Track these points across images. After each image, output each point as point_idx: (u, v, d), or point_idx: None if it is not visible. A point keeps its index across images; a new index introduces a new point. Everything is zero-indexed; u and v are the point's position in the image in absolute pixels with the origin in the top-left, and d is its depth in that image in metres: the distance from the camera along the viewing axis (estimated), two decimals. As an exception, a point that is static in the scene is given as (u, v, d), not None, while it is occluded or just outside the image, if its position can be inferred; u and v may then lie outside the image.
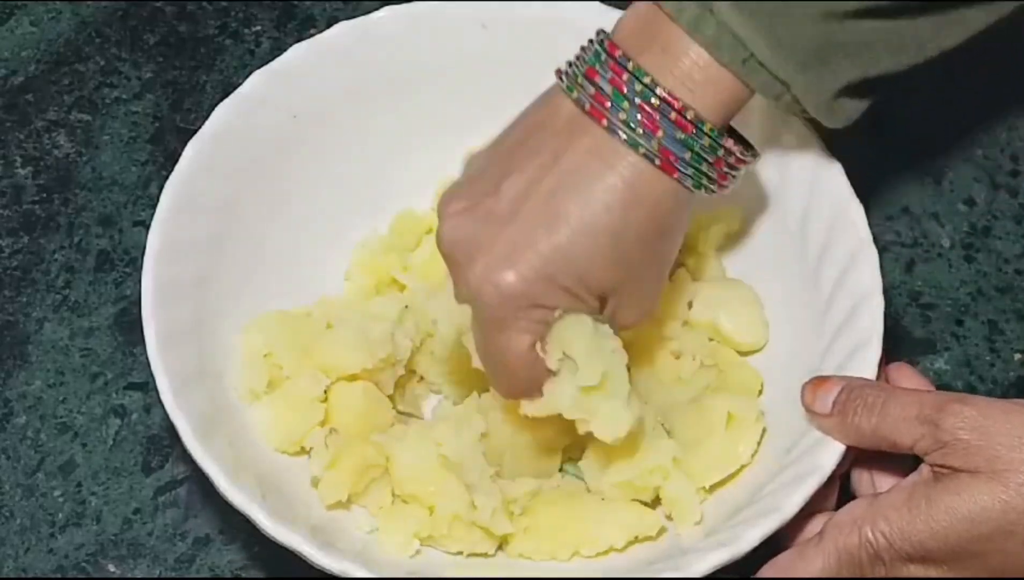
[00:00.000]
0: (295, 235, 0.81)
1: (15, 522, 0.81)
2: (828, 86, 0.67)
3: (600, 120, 0.66)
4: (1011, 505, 0.64)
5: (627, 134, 0.66)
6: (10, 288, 0.88)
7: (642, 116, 0.66)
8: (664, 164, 0.66)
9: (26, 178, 0.92)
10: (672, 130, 0.66)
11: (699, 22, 0.65)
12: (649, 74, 0.66)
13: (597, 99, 0.66)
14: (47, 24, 0.98)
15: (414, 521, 0.72)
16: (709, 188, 0.68)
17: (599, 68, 0.67)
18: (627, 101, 0.66)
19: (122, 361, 0.86)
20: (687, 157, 0.66)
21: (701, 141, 0.66)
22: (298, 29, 0.97)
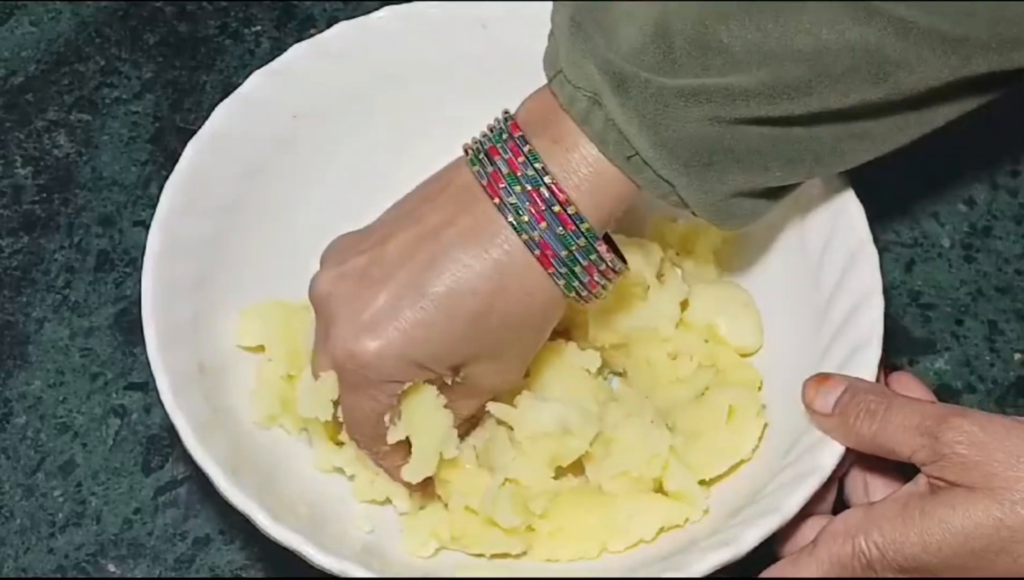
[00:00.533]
0: (295, 234, 0.81)
1: (15, 522, 0.81)
2: (715, 189, 0.67)
3: (493, 197, 0.67)
4: (1004, 523, 0.64)
5: (515, 218, 0.67)
6: (10, 288, 0.88)
7: (530, 203, 0.67)
8: (542, 257, 0.67)
9: (26, 178, 0.92)
10: (555, 224, 0.67)
11: (588, 115, 0.66)
12: (541, 161, 0.67)
13: (493, 176, 0.68)
14: (47, 24, 0.98)
15: (434, 520, 0.72)
16: (579, 293, 0.69)
17: (500, 146, 0.68)
18: (519, 185, 0.67)
19: (122, 361, 0.86)
20: (563, 255, 0.67)
21: (578, 241, 0.67)
22: (298, 29, 0.97)
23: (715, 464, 0.73)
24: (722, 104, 0.64)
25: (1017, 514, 0.63)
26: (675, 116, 0.64)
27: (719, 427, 0.73)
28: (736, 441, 0.73)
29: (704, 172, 0.66)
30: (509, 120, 0.69)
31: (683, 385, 0.77)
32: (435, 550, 0.73)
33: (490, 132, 0.69)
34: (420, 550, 0.72)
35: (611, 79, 0.65)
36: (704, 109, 0.64)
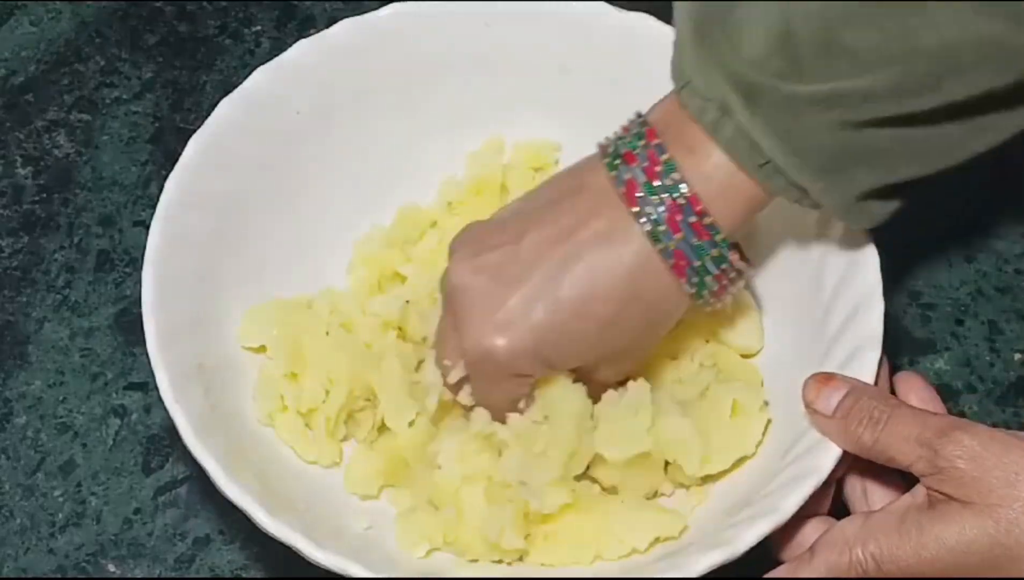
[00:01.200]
0: (297, 231, 0.81)
1: (15, 522, 0.81)
2: (848, 192, 0.67)
3: (630, 205, 0.68)
4: (998, 540, 0.64)
5: (651, 227, 0.68)
6: (10, 288, 0.88)
7: (668, 213, 0.67)
8: (676, 266, 0.68)
9: (26, 178, 0.92)
10: (690, 234, 0.67)
11: (718, 125, 0.66)
12: (679, 171, 0.67)
13: (630, 184, 0.68)
14: (47, 24, 0.98)
15: (427, 522, 0.72)
16: (708, 301, 0.70)
17: (637, 153, 0.68)
18: (656, 194, 0.67)
19: (122, 361, 0.86)
20: (696, 264, 0.68)
21: (711, 252, 0.68)
22: (298, 29, 0.97)
23: (719, 460, 0.73)
24: (852, 108, 0.64)
25: (1011, 533, 0.63)
26: (806, 123, 0.64)
27: (723, 423, 0.74)
28: (740, 437, 0.74)
29: (836, 175, 0.66)
30: (646, 125, 0.69)
31: (684, 385, 0.77)
32: (427, 551, 0.73)
33: (626, 135, 0.69)
34: (412, 550, 0.72)
35: (740, 89, 0.65)
36: (834, 114, 0.64)
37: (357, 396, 0.77)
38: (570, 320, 0.69)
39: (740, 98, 0.65)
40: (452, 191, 0.83)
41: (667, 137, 0.68)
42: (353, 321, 0.79)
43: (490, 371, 0.71)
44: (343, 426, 0.77)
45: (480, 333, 0.70)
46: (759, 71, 0.64)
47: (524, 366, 0.70)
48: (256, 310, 0.77)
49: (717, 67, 0.65)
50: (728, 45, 0.65)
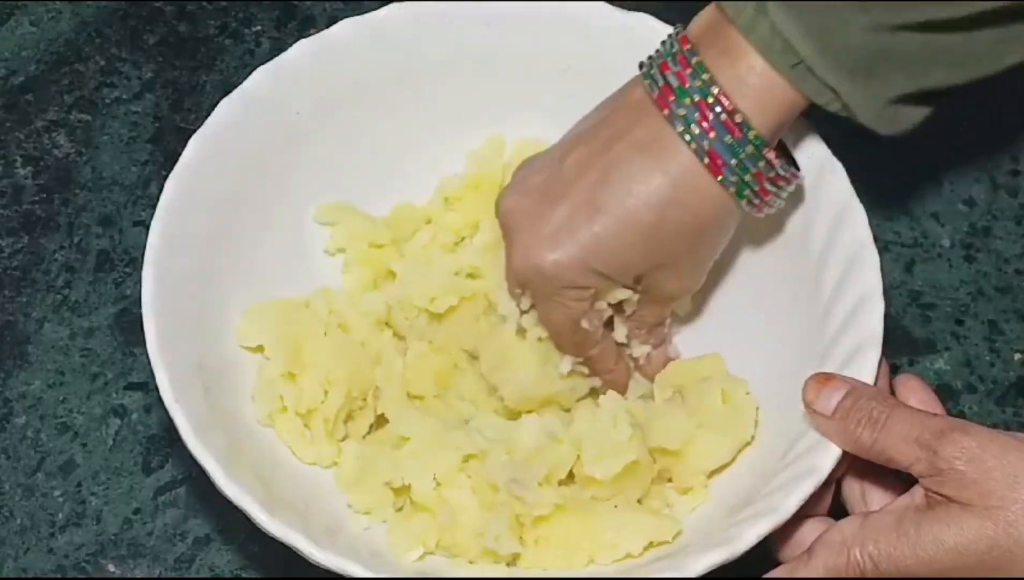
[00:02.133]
0: (297, 231, 0.81)
1: (15, 522, 0.81)
2: (879, 95, 0.68)
3: (663, 109, 0.69)
4: (996, 542, 0.64)
5: (684, 128, 0.69)
6: (10, 288, 0.88)
7: (699, 114, 0.68)
8: (711, 165, 0.69)
9: (26, 178, 0.92)
10: (722, 132, 0.68)
11: (753, 24, 0.67)
12: (709, 71, 0.68)
13: (664, 90, 0.69)
14: (47, 24, 0.98)
15: (423, 528, 0.72)
16: (752, 200, 0.70)
17: (670, 61, 0.69)
18: (688, 97, 0.68)
19: (122, 361, 0.86)
20: (732, 163, 0.69)
21: (746, 148, 0.69)
22: (298, 29, 0.97)
23: (721, 451, 0.73)
24: (885, 10, 0.65)
25: (1010, 534, 0.63)
26: (840, 23, 0.65)
27: (717, 414, 0.74)
28: (737, 425, 0.74)
29: (868, 78, 0.67)
30: (679, 33, 0.70)
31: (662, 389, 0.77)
32: (421, 555, 0.73)
33: (662, 47, 0.71)
34: (405, 554, 0.72)
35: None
36: (868, 16, 0.65)
37: (355, 396, 0.77)
38: (614, 228, 0.70)
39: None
40: (450, 187, 0.83)
41: (702, 42, 0.69)
42: (350, 321, 0.79)
43: (543, 288, 0.72)
44: (342, 426, 0.77)
45: (527, 251, 0.71)
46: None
47: (576, 278, 0.71)
48: (254, 310, 0.77)
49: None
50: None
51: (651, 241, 0.71)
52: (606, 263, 0.71)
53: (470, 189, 0.82)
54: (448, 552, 0.72)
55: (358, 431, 0.77)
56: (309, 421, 0.76)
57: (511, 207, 0.73)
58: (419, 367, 0.77)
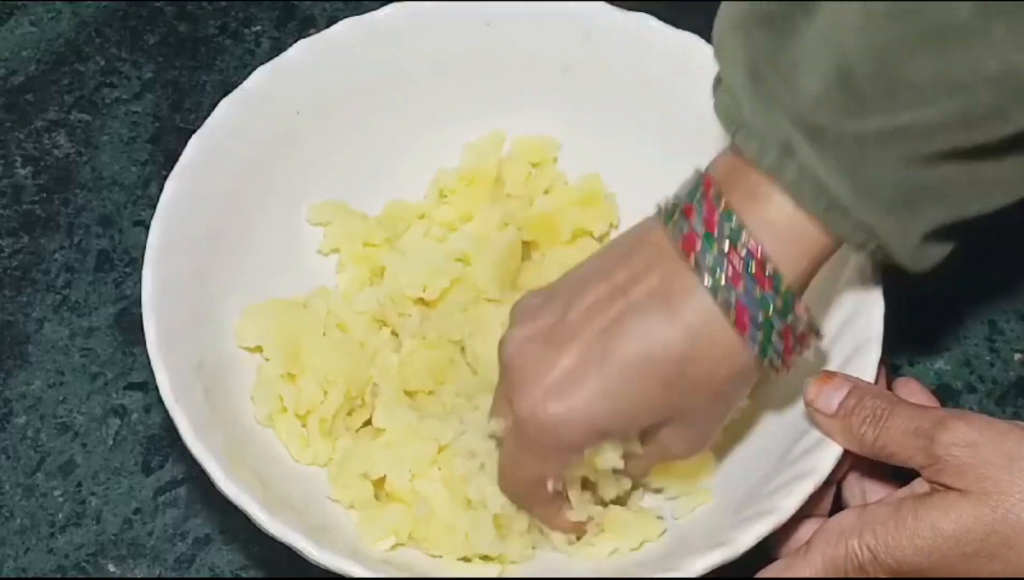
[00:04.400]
0: (297, 231, 0.81)
1: (15, 522, 0.81)
2: (916, 230, 0.64)
3: (688, 255, 0.64)
4: (995, 528, 0.64)
5: (710, 279, 0.64)
6: (10, 288, 0.88)
7: (728, 265, 0.64)
8: (738, 320, 0.64)
9: (26, 178, 0.92)
10: (751, 286, 0.64)
11: (780, 167, 0.63)
12: (738, 216, 0.64)
13: (688, 236, 0.64)
14: (47, 24, 0.98)
15: (395, 519, 0.72)
16: (774, 360, 0.65)
17: (695, 204, 0.65)
18: (716, 245, 0.64)
19: (122, 361, 0.86)
20: (760, 318, 0.64)
21: (775, 302, 0.64)
22: (298, 29, 0.97)
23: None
24: (918, 141, 0.61)
25: (1008, 520, 0.63)
26: (872, 159, 0.62)
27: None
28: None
29: (905, 213, 0.63)
30: (703, 177, 0.66)
31: None
32: (392, 546, 0.72)
33: (683, 191, 0.66)
34: (375, 544, 0.72)
35: (803, 128, 0.62)
36: (901, 149, 0.62)
37: (354, 396, 0.77)
38: (626, 382, 0.65)
39: (805, 137, 0.62)
40: (444, 179, 0.83)
41: (726, 186, 0.64)
42: (348, 320, 0.79)
43: (538, 443, 0.67)
44: (341, 425, 0.77)
45: (532, 400, 0.66)
46: (820, 109, 0.61)
47: (576, 437, 0.67)
48: (253, 310, 0.77)
49: (778, 108, 0.62)
50: (785, 86, 0.62)
51: (664, 397, 0.66)
52: (611, 420, 0.66)
53: (464, 182, 0.82)
54: (420, 545, 0.72)
55: (353, 428, 0.77)
56: (308, 421, 0.76)
57: (516, 351, 0.67)
58: (413, 363, 0.77)
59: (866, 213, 0.63)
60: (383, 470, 0.73)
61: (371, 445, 0.74)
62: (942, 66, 0.60)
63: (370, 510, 0.73)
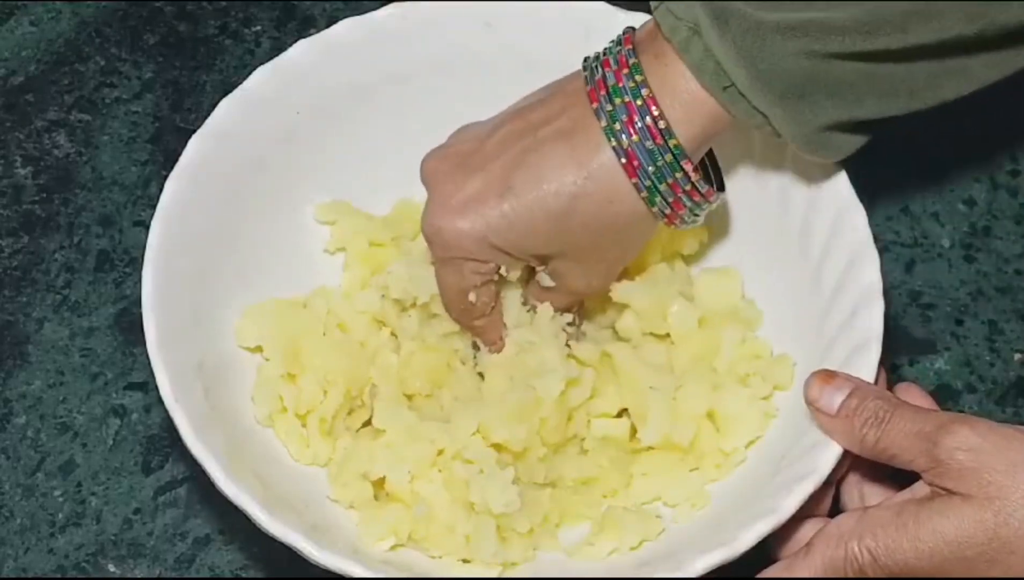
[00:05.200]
0: (297, 230, 0.81)
1: (15, 522, 0.81)
2: (809, 120, 0.68)
3: (592, 102, 0.70)
4: (997, 533, 0.64)
5: (607, 123, 0.69)
6: (10, 288, 0.88)
7: (626, 115, 0.69)
8: (628, 166, 0.69)
9: (26, 178, 0.92)
10: (645, 136, 0.68)
11: (688, 45, 0.67)
12: (644, 75, 0.69)
13: (598, 83, 0.70)
14: (47, 24, 0.98)
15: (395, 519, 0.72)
16: (664, 210, 0.70)
17: (611, 57, 0.70)
18: (619, 96, 0.69)
19: (122, 361, 0.86)
20: (649, 169, 0.69)
21: (664, 156, 0.69)
22: (298, 29, 0.97)
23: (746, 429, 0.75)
24: (818, 38, 0.65)
25: (1010, 525, 0.63)
26: (771, 49, 0.66)
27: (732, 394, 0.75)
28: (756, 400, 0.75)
29: (798, 104, 0.67)
30: (625, 34, 0.71)
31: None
32: (392, 546, 0.72)
33: (608, 45, 0.71)
34: (375, 544, 0.72)
35: (711, 11, 0.66)
36: (800, 43, 0.65)
37: (354, 396, 0.77)
38: (520, 209, 0.70)
39: (711, 20, 0.66)
40: None
41: (642, 46, 0.69)
42: (348, 321, 0.79)
43: (440, 251, 0.73)
44: (341, 425, 0.77)
45: (434, 213, 0.72)
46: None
47: (474, 250, 0.72)
48: (253, 310, 0.77)
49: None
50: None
51: (556, 229, 0.71)
52: (506, 241, 0.71)
53: None
54: (420, 545, 0.72)
55: (352, 428, 0.77)
56: (308, 421, 0.76)
57: (433, 168, 0.73)
58: (412, 365, 0.77)
59: (760, 99, 0.67)
60: (383, 471, 0.73)
61: (371, 445, 0.74)
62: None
63: (370, 510, 0.73)
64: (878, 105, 0.68)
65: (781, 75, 0.66)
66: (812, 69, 0.66)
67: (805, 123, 0.68)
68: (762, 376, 0.75)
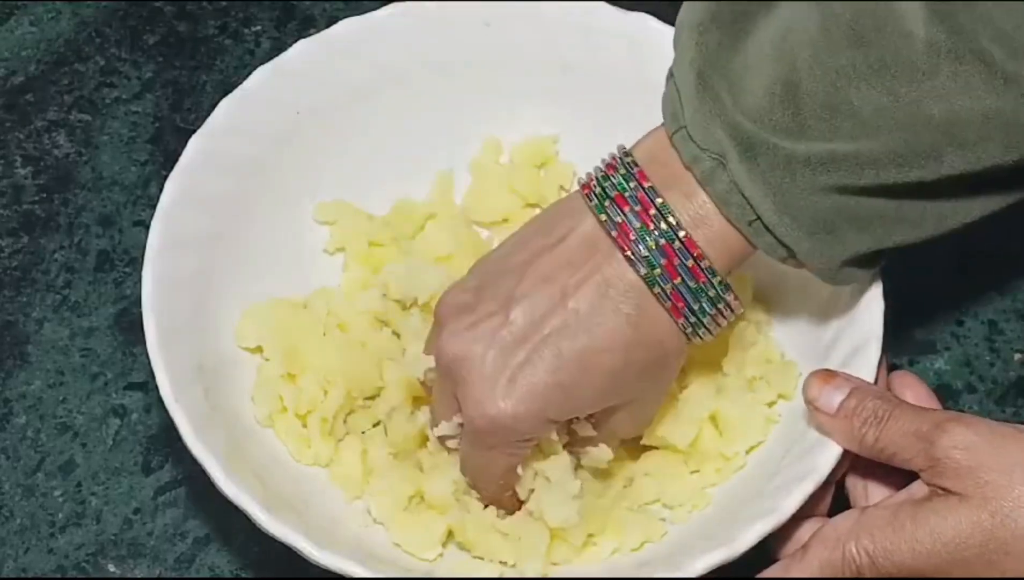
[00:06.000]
0: (297, 231, 0.81)
1: (15, 522, 0.81)
2: (836, 254, 0.66)
3: (624, 250, 0.66)
4: (994, 534, 0.63)
5: (647, 271, 0.66)
6: (10, 288, 0.88)
7: (665, 258, 0.66)
8: (674, 309, 0.67)
9: (26, 178, 0.92)
10: (688, 277, 0.66)
11: (712, 177, 0.65)
12: (675, 215, 0.66)
13: (623, 228, 0.66)
14: (47, 24, 0.98)
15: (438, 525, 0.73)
16: (704, 337, 0.69)
17: (627, 196, 0.66)
18: (652, 239, 0.66)
19: (122, 361, 0.86)
20: (695, 307, 0.67)
21: (709, 292, 0.67)
22: (298, 29, 0.97)
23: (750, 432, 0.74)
24: (849, 172, 0.63)
25: (1007, 526, 0.63)
26: (801, 184, 0.63)
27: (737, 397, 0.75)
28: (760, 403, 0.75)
29: (826, 238, 0.65)
30: (635, 166, 0.67)
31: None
32: (439, 553, 0.73)
33: (613, 176, 0.67)
34: (423, 552, 0.72)
35: (738, 143, 0.64)
36: (831, 177, 0.63)
37: (355, 397, 0.77)
38: (575, 376, 0.67)
39: (738, 153, 0.64)
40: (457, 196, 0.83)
41: (658, 180, 0.66)
42: (348, 321, 0.79)
43: (494, 439, 0.69)
44: (341, 425, 0.77)
45: (484, 401, 0.68)
46: (759, 123, 0.63)
47: (530, 429, 0.69)
48: (253, 310, 0.77)
49: (718, 118, 0.64)
50: (729, 93, 0.64)
51: (613, 384, 0.68)
52: (564, 412, 0.69)
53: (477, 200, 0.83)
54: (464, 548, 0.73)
55: (358, 430, 0.77)
56: (308, 421, 0.76)
57: (461, 354, 0.68)
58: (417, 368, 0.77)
59: (787, 235, 0.65)
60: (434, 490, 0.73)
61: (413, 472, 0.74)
62: (888, 102, 0.62)
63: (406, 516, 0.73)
64: (904, 235, 0.66)
65: (810, 211, 0.64)
66: (843, 204, 0.64)
67: (832, 257, 0.66)
68: (768, 381, 0.75)
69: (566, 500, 0.71)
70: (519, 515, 0.72)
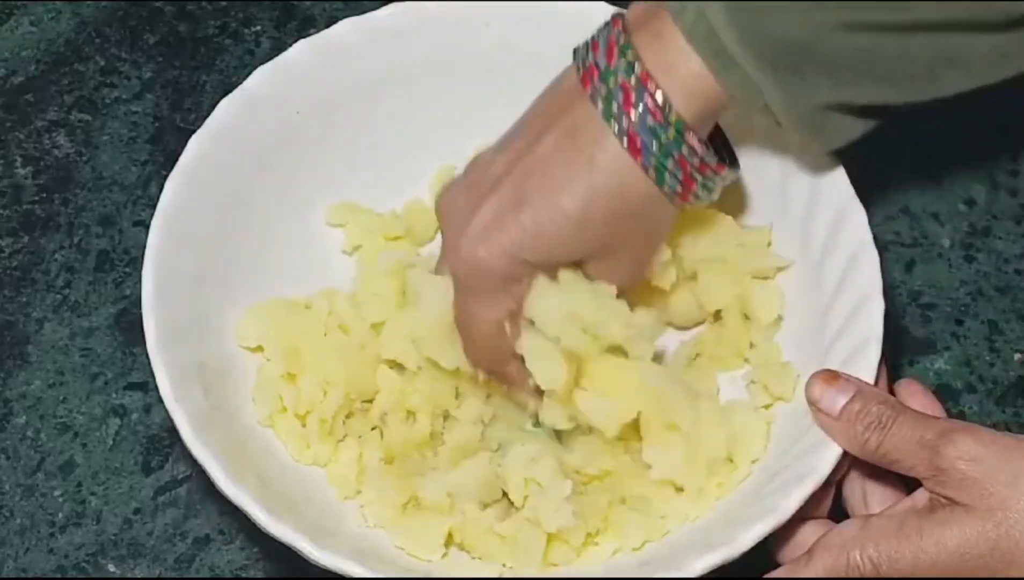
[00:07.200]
0: (297, 231, 0.81)
1: (15, 522, 0.81)
2: (803, 98, 0.66)
3: (586, 88, 0.68)
4: (999, 544, 0.63)
5: (604, 106, 0.67)
6: (10, 288, 0.88)
7: (622, 95, 0.67)
8: (631, 147, 0.67)
9: (26, 178, 0.92)
10: (644, 115, 0.67)
11: (683, 9, 0.66)
12: (636, 52, 0.67)
13: (590, 68, 0.68)
14: (47, 24, 0.98)
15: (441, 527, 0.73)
16: (674, 188, 0.68)
17: (601, 40, 0.68)
18: (612, 77, 0.67)
19: (122, 361, 0.86)
20: (653, 147, 0.67)
21: (667, 132, 0.67)
22: (298, 29, 0.97)
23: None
24: (813, 7, 0.64)
25: (1012, 537, 0.63)
26: (766, 14, 0.64)
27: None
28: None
29: (791, 77, 0.65)
30: (613, 17, 0.69)
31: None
32: (442, 554, 0.73)
33: (597, 29, 0.69)
34: (428, 554, 0.72)
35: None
36: (795, 9, 0.64)
37: (354, 398, 0.77)
38: (540, 217, 0.69)
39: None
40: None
41: (635, 25, 0.68)
42: (349, 322, 0.79)
43: (476, 283, 0.70)
44: (341, 426, 0.77)
45: (458, 245, 0.70)
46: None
47: (507, 270, 0.70)
48: (254, 310, 0.77)
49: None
50: None
51: (580, 231, 0.69)
52: (536, 253, 0.69)
53: None
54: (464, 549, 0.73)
55: (357, 433, 0.77)
56: (308, 422, 0.76)
57: (446, 205, 0.72)
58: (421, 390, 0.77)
59: (751, 66, 0.65)
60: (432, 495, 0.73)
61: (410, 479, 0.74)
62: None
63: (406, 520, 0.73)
64: (874, 90, 0.66)
65: (773, 41, 0.64)
66: (806, 38, 0.64)
67: (799, 101, 0.66)
68: (765, 384, 0.75)
69: (559, 504, 0.71)
70: (518, 518, 0.72)
